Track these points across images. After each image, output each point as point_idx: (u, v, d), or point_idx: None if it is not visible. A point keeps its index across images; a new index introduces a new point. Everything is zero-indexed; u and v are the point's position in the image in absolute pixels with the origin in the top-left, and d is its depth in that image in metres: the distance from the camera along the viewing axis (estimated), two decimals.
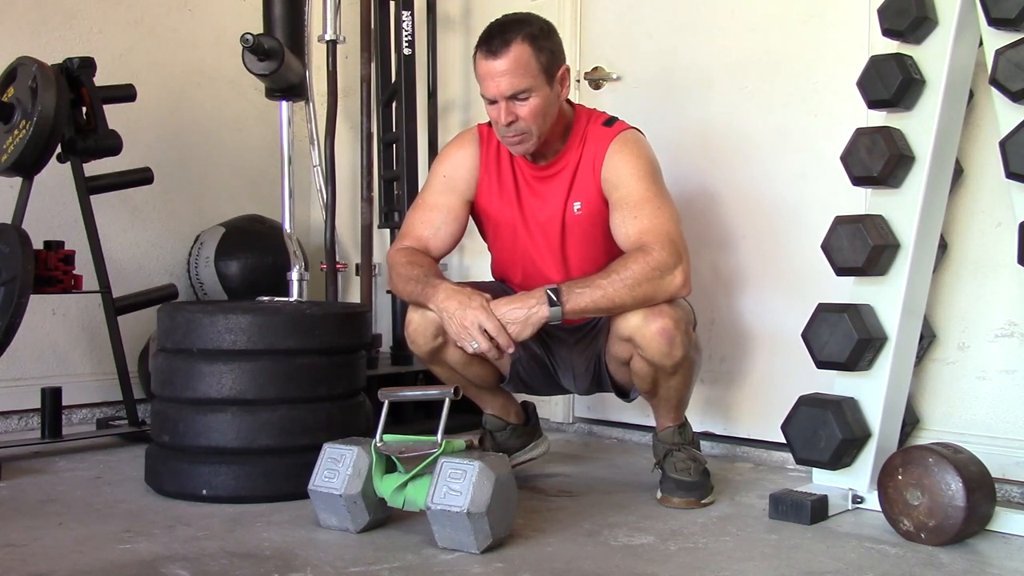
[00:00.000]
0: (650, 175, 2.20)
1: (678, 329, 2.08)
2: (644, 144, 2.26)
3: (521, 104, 2.13)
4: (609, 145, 2.21)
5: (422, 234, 2.30)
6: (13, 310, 2.45)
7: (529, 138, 2.18)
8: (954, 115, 2.22)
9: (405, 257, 2.25)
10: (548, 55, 2.15)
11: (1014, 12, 2.01)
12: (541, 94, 2.14)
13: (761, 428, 2.70)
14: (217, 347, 2.21)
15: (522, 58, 2.11)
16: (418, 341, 2.24)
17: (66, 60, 2.78)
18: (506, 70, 2.11)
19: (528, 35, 2.12)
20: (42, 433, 2.77)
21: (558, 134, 2.25)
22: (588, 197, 2.22)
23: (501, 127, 2.17)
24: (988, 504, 1.96)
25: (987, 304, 2.33)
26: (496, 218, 2.32)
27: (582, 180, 2.23)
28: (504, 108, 2.13)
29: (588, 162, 2.23)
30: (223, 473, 2.19)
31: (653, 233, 2.10)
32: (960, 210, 2.35)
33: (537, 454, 2.57)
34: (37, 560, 1.78)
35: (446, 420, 1.92)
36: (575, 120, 2.27)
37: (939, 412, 2.39)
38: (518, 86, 2.11)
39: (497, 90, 2.12)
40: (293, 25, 2.87)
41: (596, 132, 2.24)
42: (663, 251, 2.07)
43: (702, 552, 1.89)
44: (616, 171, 2.19)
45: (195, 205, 3.51)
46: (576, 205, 2.23)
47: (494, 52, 2.11)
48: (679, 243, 2.11)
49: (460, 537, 1.81)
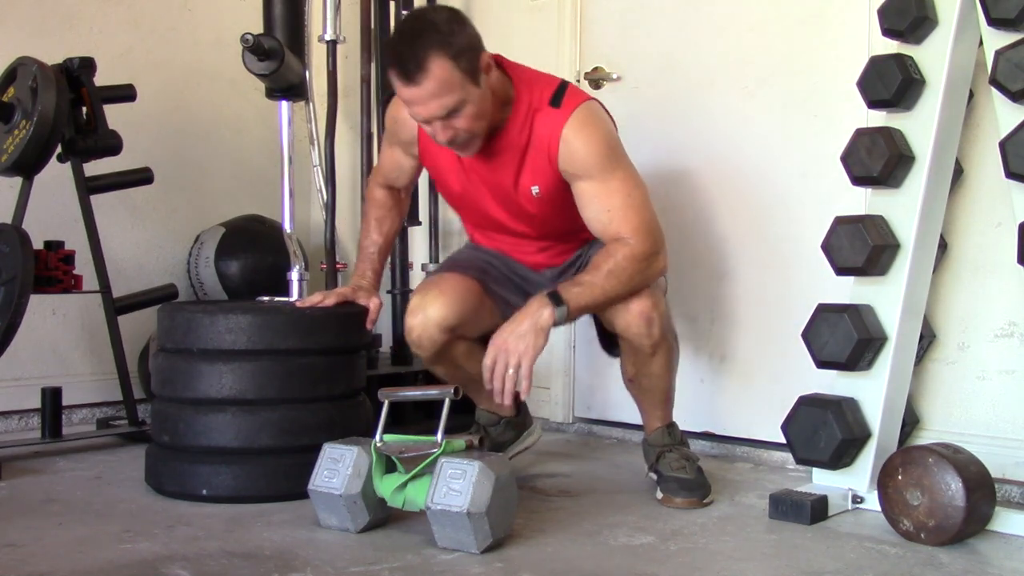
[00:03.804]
0: (611, 157, 2.10)
1: (656, 310, 2.15)
2: (597, 120, 2.12)
3: (456, 118, 1.99)
4: (561, 133, 2.07)
5: (387, 173, 2.44)
6: (13, 310, 2.45)
7: (474, 140, 2.06)
8: (954, 115, 2.22)
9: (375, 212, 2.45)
10: (467, 57, 1.96)
11: (1014, 12, 2.01)
12: (473, 98, 1.98)
13: (761, 428, 2.70)
14: (217, 347, 2.21)
15: (444, 76, 1.92)
16: (424, 345, 2.24)
17: (66, 60, 2.78)
18: (431, 94, 1.93)
19: (441, 45, 1.92)
20: (42, 433, 2.77)
21: (497, 108, 2.09)
22: (545, 182, 2.13)
23: (441, 141, 2.05)
24: (988, 504, 1.95)
25: (987, 304, 2.33)
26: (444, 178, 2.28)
27: (535, 165, 2.12)
28: (440, 127, 2.00)
29: (541, 150, 2.10)
30: (223, 473, 2.19)
31: (629, 225, 2.09)
32: (960, 210, 2.35)
33: (530, 443, 2.58)
34: (37, 560, 1.78)
35: (446, 420, 1.92)
36: (516, 93, 2.11)
37: (939, 412, 2.39)
38: (449, 105, 1.96)
39: (428, 114, 1.98)
40: (293, 25, 2.87)
41: (545, 117, 2.09)
42: (643, 242, 2.08)
43: (702, 552, 1.89)
44: (574, 162, 2.09)
45: (195, 205, 3.51)
46: (534, 189, 2.15)
47: (411, 78, 1.92)
48: (654, 227, 2.12)
49: (460, 537, 1.81)
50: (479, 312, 2.28)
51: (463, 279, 2.28)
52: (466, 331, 2.26)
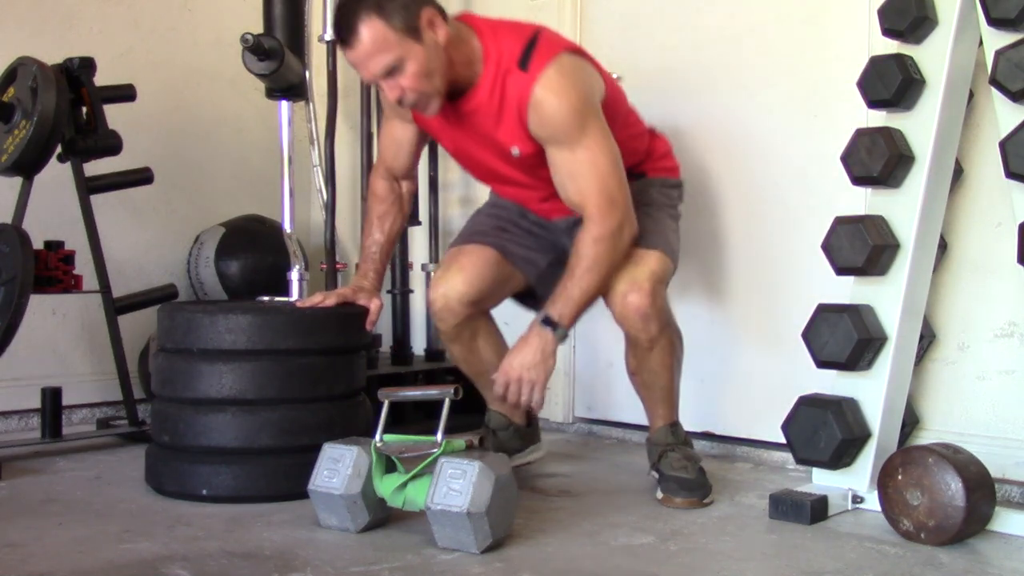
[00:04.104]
0: (578, 123, 2.08)
1: (653, 307, 2.17)
2: (565, 82, 2.08)
3: (400, 76, 2.02)
4: (529, 99, 2.07)
5: (386, 157, 2.44)
6: (13, 310, 2.45)
7: (429, 99, 2.08)
8: (954, 115, 2.22)
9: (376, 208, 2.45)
10: (402, 15, 1.99)
11: (1014, 12, 2.01)
12: (414, 56, 2.01)
13: (761, 428, 2.69)
14: (217, 347, 2.21)
15: (376, 35, 1.98)
16: (445, 319, 2.34)
17: (66, 60, 2.78)
18: (367, 54, 2.00)
19: (371, 7, 1.98)
20: (42, 433, 2.77)
21: (462, 66, 2.10)
22: (523, 144, 2.15)
23: (391, 99, 2.10)
24: (988, 504, 1.95)
25: (987, 304, 2.33)
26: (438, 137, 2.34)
27: (510, 128, 2.13)
28: (386, 87, 2.05)
29: (512, 113, 2.10)
30: (223, 473, 2.19)
31: (592, 198, 2.10)
32: (960, 210, 2.35)
33: (534, 459, 2.59)
34: (37, 560, 1.78)
35: (446, 420, 1.92)
36: (484, 51, 2.11)
37: (939, 412, 2.39)
38: (385, 63, 2.01)
39: (370, 75, 2.05)
40: (293, 25, 2.88)
41: (514, 81, 2.08)
42: (605, 218, 2.09)
43: (702, 552, 1.89)
44: (543, 127, 2.09)
45: (195, 205, 3.51)
46: (514, 150, 2.16)
47: (347, 42, 2.01)
48: (616, 197, 2.11)
49: (460, 537, 1.81)
50: (500, 282, 2.38)
51: (482, 251, 2.36)
52: (488, 302, 2.39)
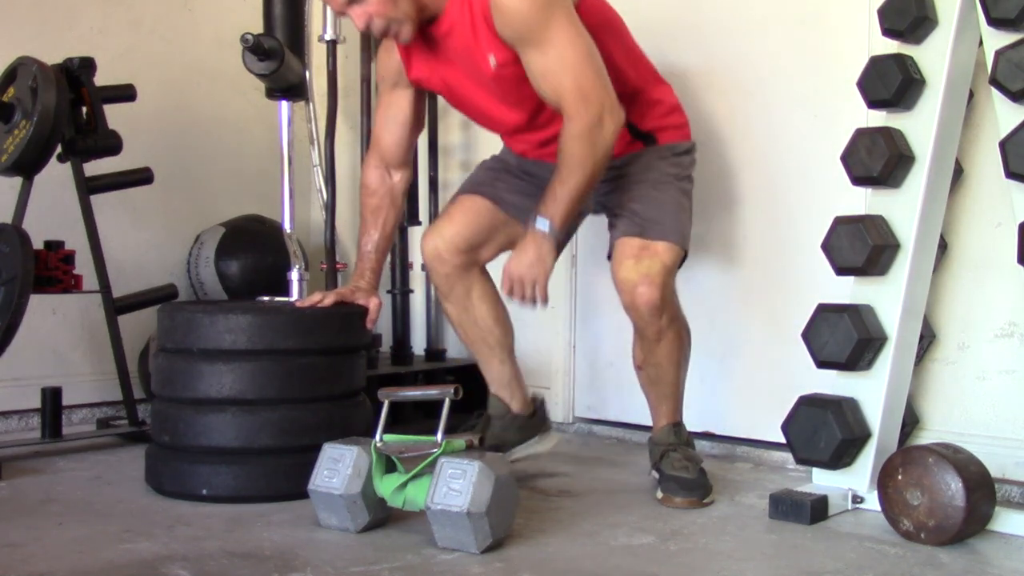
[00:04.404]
0: (542, 17, 2.05)
1: (662, 300, 2.17)
2: None
3: (366, 3, 2.07)
4: None
5: (380, 140, 2.44)
6: (13, 310, 2.45)
7: (399, 26, 2.11)
8: (954, 115, 2.22)
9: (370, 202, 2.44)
10: None
11: (1014, 12, 2.01)
12: None
13: (761, 428, 2.69)
14: (217, 347, 2.21)
15: None
16: (436, 268, 2.37)
17: (66, 60, 2.78)
18: None
19: None
20: (42, 433, 2.77)
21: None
22: (498, 52, 2.12)
23: (360, 27, 2.13)
24: (988, 504, 1.95)
25: (987, 304, 2.33)
26: (431, 82, 2.32)
27: (482, 37, 2.11)
28: (354, 15, 2.10)
29: (480, 19, 2.09)
30: (223, 473, 2.19)
31: (567, 95, 2.06)
32: (960, 210, 2.35)
33: (541, 450, 2.51)
34: (37, 560, 1.78)
35: (446, 420, 1.92)
36: None
37: (939, 412, 2.39)
38: None
39: (338, 5, 2.10)
40: (293, 25, 2.88)
41: None
42: (582, 113, 2.05)
43: (702, 552, 1.89)
44: (509, 26, 2.06)
45: (195, 205, 3.51)
46: (491, 59, 2.14)
47: None
48: (591, 89, 2.06)
49: (460, 537, 1.81)
50: (491, 228, 2.38)
51: (473, 200, 2.39)
52: (481, 252, 2.39)
